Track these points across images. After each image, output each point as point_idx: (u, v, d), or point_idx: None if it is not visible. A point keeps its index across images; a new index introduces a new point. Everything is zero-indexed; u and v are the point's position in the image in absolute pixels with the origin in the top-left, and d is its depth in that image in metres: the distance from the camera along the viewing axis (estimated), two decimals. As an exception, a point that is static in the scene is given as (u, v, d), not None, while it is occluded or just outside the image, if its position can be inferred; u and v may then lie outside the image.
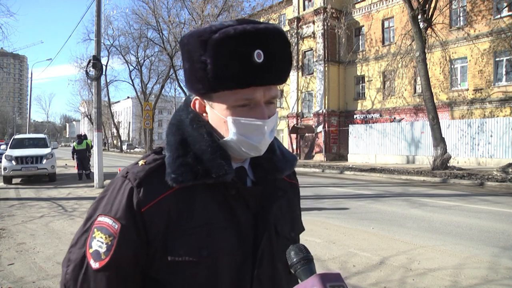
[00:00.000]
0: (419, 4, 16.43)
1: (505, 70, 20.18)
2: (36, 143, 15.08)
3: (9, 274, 4.26)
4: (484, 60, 20.31)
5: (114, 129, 58.72)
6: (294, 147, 29.99)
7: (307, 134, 28.98)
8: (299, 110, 29.81)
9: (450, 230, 6.10)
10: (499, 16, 19.45)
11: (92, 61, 11.92)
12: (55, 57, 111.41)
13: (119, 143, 57.06)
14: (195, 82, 0.80)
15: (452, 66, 21.98)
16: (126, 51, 42.80)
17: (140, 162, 0.85)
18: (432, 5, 16.84)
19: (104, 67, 34.91)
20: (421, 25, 16.88)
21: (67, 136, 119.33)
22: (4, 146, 19.68)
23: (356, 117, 27.16)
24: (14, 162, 13.28)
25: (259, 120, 0.80)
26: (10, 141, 15.96)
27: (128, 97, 77.14)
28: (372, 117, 26.07)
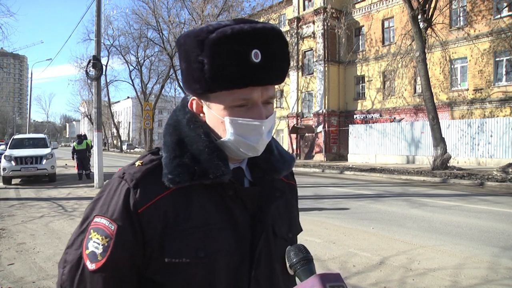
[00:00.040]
0: (419, 4, 16.43)
1: (505, 70, 20.18)
2: (36, 143, 14.90)
3: (9, 274, 4.26)
4: (484, 60, 20.31)
5: (114, 129, 58.74)
6: (294, 147, 29.99)
7: (307, 134, 28.98)
8: (299, 110, 29.81)
9: (450, 230, 6.10)
10: (499, 16, 19.45)
11: (92, 61, 11.93)
12: (55, 57, 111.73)
13: (119, 143, 57.08)
14: (192, 82, 0.79)
15: (452, 66, 21.98)
16: (126, 51, 42.90)
17: (137, 163, 0.84)
18: (432, 5, 16.84)
19: (104, 67, 34.91)
20: (421, 25, 16.88)
21: (67, 136, 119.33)
22: (3, 146, 19.37)
23: (356, 117, 27.15)
24: (14, 163, 13.09)
25: (257, 121, 0.79)
26: (10, 141, 15.74)
27: (128, 97, 77.14)
28: (372, 117, 26.07)
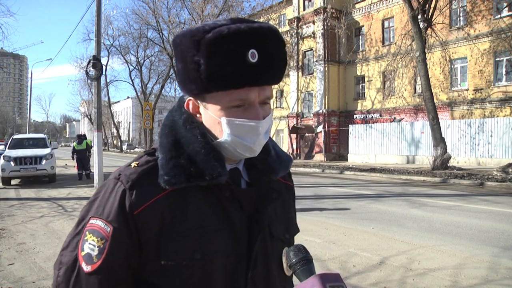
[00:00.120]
0: (419, 4, 16.42)
1: (505, 70, 20.18)
2: (36, 143, 14.67)
3: (9, 274, 4.26)
4: (484, 60, 20.31)
5: (114, 129, 58.75)
6: (294, 147, 30.00)
7: (307, 134, 28.98)
8: (299, 110, 29.81)
9: (450, 230, 6.10)
10: (499, 16, 19.45)
11: (92, 61, 11.91)
12: (55, 57, 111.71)
13: (119, 143, 57.11)
14: (188, 83, 0.78)
15: (452, 66, 21.98)
16: (126, 51, 42.92)
17: (133, 164, 0.83)
18: (432, 5, 16.83)
19: (104, 67, 34.92)
20: (421, 25, 16.88)
21: (67, 136, 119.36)
22: (2, 147, 19.07)
23: (356, 117, 27.15)
24: (13, 163, 12.85)
25: (254, 121, 0.78)
26: (9, 141, 15.52)
27: (128, 97, 77.13)
28: (372, 117, 26.07)
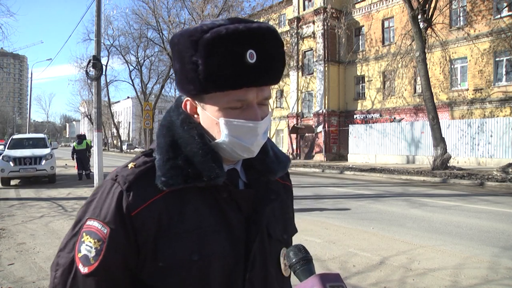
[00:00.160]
0: (419, 4, 16.42)
1: (505, 70, 20.18)
2: (35, 143, 14.51)
3: (9, 274, 4.26)
4: (484, 60, 20.31)
5: (114, 129, 58.73)
6: (294, 147, 30.00)
7: (307, 134, 28.98)
8: (299, 110, 29.81)
9: (450, 230, 6.10)
10: (499, 16, 19.45)
11: (92, 61, 11.90)
12: (55, 57, 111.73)
13: (119, 143, 57.09)
14: (186, 83, 0.78)
15: (452, 66, 21.97)
16: (126, 51, 42.93)
17: (130, 165, 0.83)
18: (432, 5, 16.83)
19: (104, 67, 34.93)
20: (421, 25, 16.88)
21: (67, 136, 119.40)
22: (2, 147, 18.85)
23: (356, 117, 27.15)
24: (12, 163, 12.73)
25: (252, 122, 0.78)
26: (8, 141, 15.36)
27: (128, 97, 77.13)
28: (372, 117, 26.07)
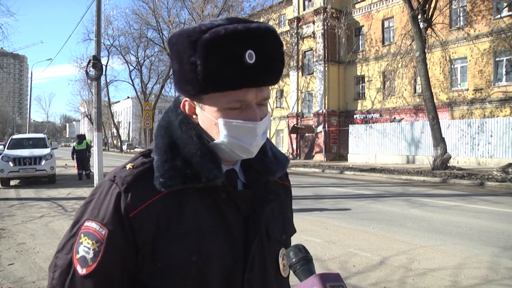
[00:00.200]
0: (419, 4, 16.42)
1: (505, 70, 20.18)
2: (35, 143, 14.38)
3: (9, 274, 4.26)
4: (484, 60, 20.30)
5: (114, 129, 58.72)
6: (294, 147, 30.00)
7: (307, 134, 28.98)
8: (299, 110, 29.81)
9: (450, 230, 6.10)
10: (499, 16, 19.45)
11: (92, 61, 11.90)
12: (55, 57, 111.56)
13: (119, 143, 57.09)
14: (185, 84, 0.77)
15: (452, 66, 21.97)
16: (126, 51, 42.90)
17: (128, 166, 0.82)
18: (432, 5, 16.83)
19: (104, 67, 34.91)
20: (421, 25, 16.88)
21: (67, 136, 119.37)
22: (1, 147, 18.72)
23: (356, 117, 27.15)
24: (11, 164, 12.59)
25: (251, 122, 0.78)
26: (8, 141, 15.21)
27: (128, 97, 77.10)
28: (372, 117, 26.06)
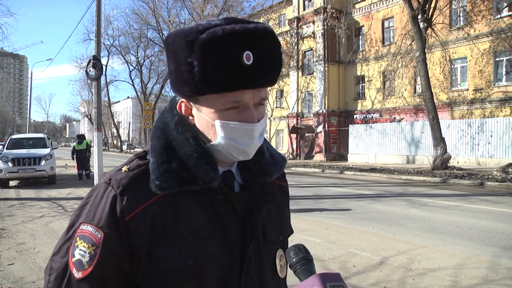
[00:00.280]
0: (419, 4, 16.42)
1: (505, 70, 20.18)
2: (35, 144, 14.24)
3: (9, 274, 4.26)
4: (484, 60, 20.30)
5: (114, 129, 58.71)
6: (294, 147, 30.00)
7: (307, 134, 28.98)
8: (299, 110, 29.81)
9: (450, 230, 6.10)
10: (499, 16, 19.45)
11: (92, 61, 11.89)
12: (55, 57, 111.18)
13: (119, 143, 57.08)
14: (181, 84, 0.76)
15: (452, 66, 21.97)
16: (126, 51, 42.94)
17: (124, 168, 0.81)
18: (432, 5, 16.83)
19: (104, 67, 34.89)
20: (421, 25, 16.88)
21: (67, 136, 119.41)
22: (1, 147, 18.48)
23: (356, 117, 27.15)
24: (11, 164, 12.39)
25: (249, 124, 0.77)
26: (7, 141, 15.03)
27: (128, 97, 77.06)
28: (372, 117, 26.07)
